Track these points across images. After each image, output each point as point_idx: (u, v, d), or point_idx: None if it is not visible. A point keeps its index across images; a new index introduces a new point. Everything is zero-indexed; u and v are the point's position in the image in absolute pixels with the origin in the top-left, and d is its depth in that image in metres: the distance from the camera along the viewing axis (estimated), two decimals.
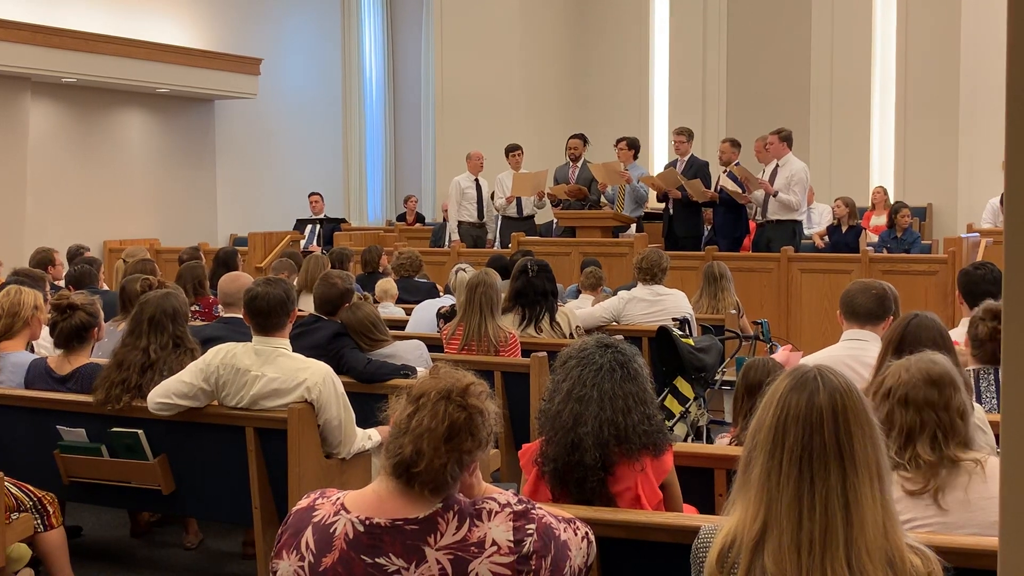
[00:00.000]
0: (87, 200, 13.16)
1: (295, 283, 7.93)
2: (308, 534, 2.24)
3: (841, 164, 14.06)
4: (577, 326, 6.40)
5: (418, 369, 5.00)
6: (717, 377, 5.97)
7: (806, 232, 11.00)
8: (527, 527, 2.21)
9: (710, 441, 5.65)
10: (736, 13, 15.13)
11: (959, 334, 4.34)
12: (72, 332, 4.66)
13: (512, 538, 2.19)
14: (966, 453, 2.59)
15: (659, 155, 15.52)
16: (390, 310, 7.35)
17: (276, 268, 7.94)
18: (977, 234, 9.94)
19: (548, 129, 14.22)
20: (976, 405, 3.15)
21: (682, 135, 10.58)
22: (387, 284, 7.64)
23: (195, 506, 4.54)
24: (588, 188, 10.74)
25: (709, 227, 10.81)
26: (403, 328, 6.79)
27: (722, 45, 15.19)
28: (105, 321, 5.03)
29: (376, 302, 7.45)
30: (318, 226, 12.91)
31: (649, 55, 15.75)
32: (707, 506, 3.35)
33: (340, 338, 5.10)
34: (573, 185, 10.73)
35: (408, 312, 7.28)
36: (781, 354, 4.86)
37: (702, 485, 3.41)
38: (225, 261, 8.12)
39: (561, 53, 15.36)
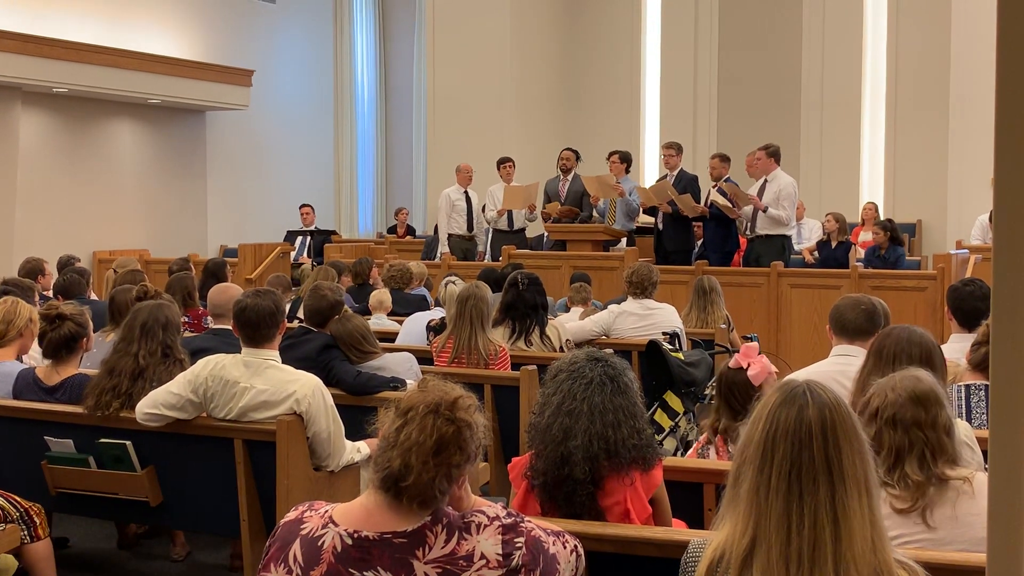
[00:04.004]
0: (77, 210, 13.13)
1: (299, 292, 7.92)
2: (296, 547, 2.23)
3: (831, 179, 14.12)
4: (567, 339, 6.39)
5: (408, 382, 4.99)
6: (707, 391, 5.96)
7: (796, 247, 11.04)
8: (516, 540, 2.21)
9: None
10: (727, 26, 15.20)
11: (948, 350, 4.34)
12: (61, 342, 4.64)
13: (501, 551, 2.18)
14: (954, 470, 2.59)
15: (650, 167, 15.57)
16: (383, 322, 7.32)
17: (270, 283, 7.90)
18: (966, 250, 9.99)
19: (539, 141, 14.25)
20: (963, 422, 3.15)
21: (671, 149, 10.60)
22: (382, 295, 7.59)
23: (183, 518, 4.52)
24: (580, 201, 10.76)
25: (700, 242, 10.84)
26: (394, 340, 6.78)
27: (713, 58, 15.26)
28: (94, 332, 5.01)
29: (368, 313, 7.43)
30: (308, 238, 12.90)
31: (640, 67, 15.81)
32: (696, 521, 3.34)
33: (330, 350, 5.09)
34: (565, 207, 10.75)
35: (400, 324, 7.25)
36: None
37: (691, 500, 3.40)
38: (215, 272, 8.11)
39: (553, 65, 15.40)
